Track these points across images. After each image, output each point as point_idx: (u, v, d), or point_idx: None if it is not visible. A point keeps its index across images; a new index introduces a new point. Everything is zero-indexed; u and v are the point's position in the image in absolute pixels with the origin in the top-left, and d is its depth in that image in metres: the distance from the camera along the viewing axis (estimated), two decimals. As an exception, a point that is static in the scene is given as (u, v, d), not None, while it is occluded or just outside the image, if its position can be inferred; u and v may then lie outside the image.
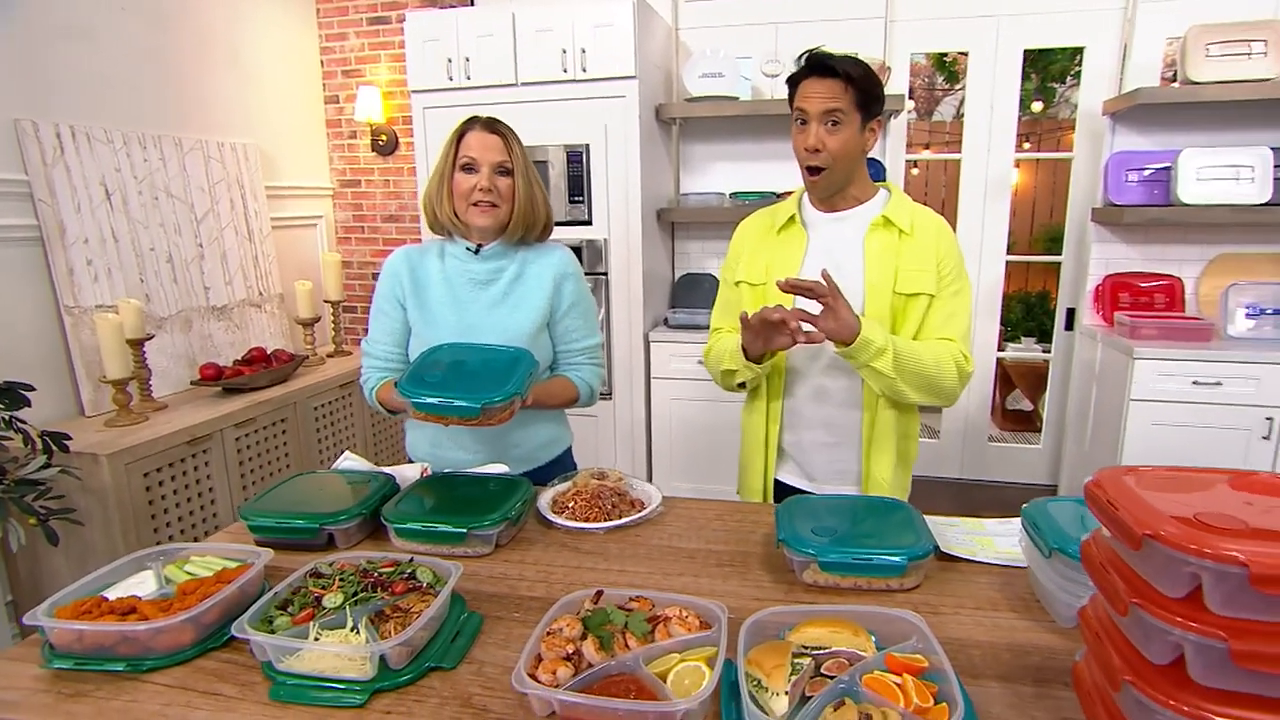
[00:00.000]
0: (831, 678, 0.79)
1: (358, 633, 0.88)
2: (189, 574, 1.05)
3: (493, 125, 1.47)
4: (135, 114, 2.75)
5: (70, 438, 2.07)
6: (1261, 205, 2.79)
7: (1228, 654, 0.58)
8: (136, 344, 2.43)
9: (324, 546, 1.22)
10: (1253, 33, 2.74)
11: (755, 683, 0.78)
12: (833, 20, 3.32)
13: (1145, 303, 3.16)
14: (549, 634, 0.87)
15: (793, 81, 1.42)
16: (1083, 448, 3.22)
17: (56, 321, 2.46)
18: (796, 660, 0.80)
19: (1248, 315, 2.90)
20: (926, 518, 1.17)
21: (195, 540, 2.43)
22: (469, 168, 1.44)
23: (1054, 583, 0.97)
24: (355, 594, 0.95)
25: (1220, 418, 2.68)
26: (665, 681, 0.80)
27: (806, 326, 1.31)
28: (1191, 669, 0.61)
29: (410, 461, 1.59)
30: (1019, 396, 4.62)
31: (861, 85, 1.35)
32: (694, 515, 1.34)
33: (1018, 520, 1.24)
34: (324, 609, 0.93)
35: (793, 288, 1.29)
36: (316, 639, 0.87)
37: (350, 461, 1.49)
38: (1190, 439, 2.71)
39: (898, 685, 0.77)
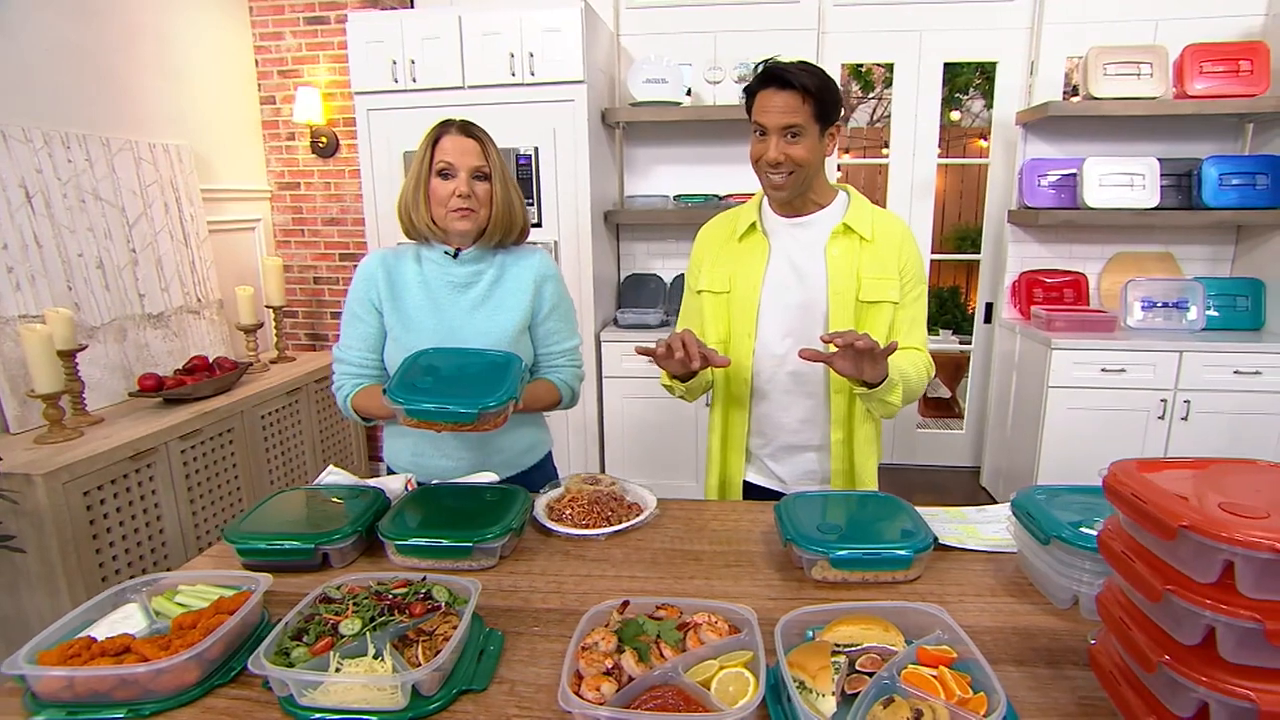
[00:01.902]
0: (868, 674, 0.81)
1: (382, 660, 0.83)
2: (181, 605, 0.98)
3: (468, 129, 1.44)
4: (57, 112, 2.60)
5: (0, 459, 1.96)
6: (1151, 209, 3.11)
7: (1263, 634, 0.62)
8: (68, 355, 2.31)
9: (318, 568, 1.17)
10: (1142, 55, 3.04)
11: (799, 684, 0.79)
12: (768, 30, 3.45)
13: (1056, 297, 3.45)
14: (584, 649, 0.85)
15: (749, 91, 1.41)
16: (1004, 432, 3.48)
17: (-25, 333, 2.31)
18: (832, 659, 0.82)
19: (1143, 308, 3.21)
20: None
21: (142, 560, 2.33)
22: (446, 173, 1.41)
23: (1051, 568, 1.03)
24: (373, 619, 0.90)
25: (1124, 401, 2.97)
26: (709, 689, 0.79)
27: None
28: (1222, 648, 0.65)
29: (391, 472, 1.56)
30: (938, 384, 4.91)
31: (819, 96, 1.35)
32: (690, 517, 1.35)
33: (994, 508, 1.35)
34: (342, 636, 0.87)
35: (815, 357, 1.28)
36: (338, 669, 0.82)
37: (334, 476, 1.44)
38: (1100, 421, 2.98)
39: (935, 678, 0.79)
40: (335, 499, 1.29)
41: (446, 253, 1.49)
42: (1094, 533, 0.97)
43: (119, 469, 2.23)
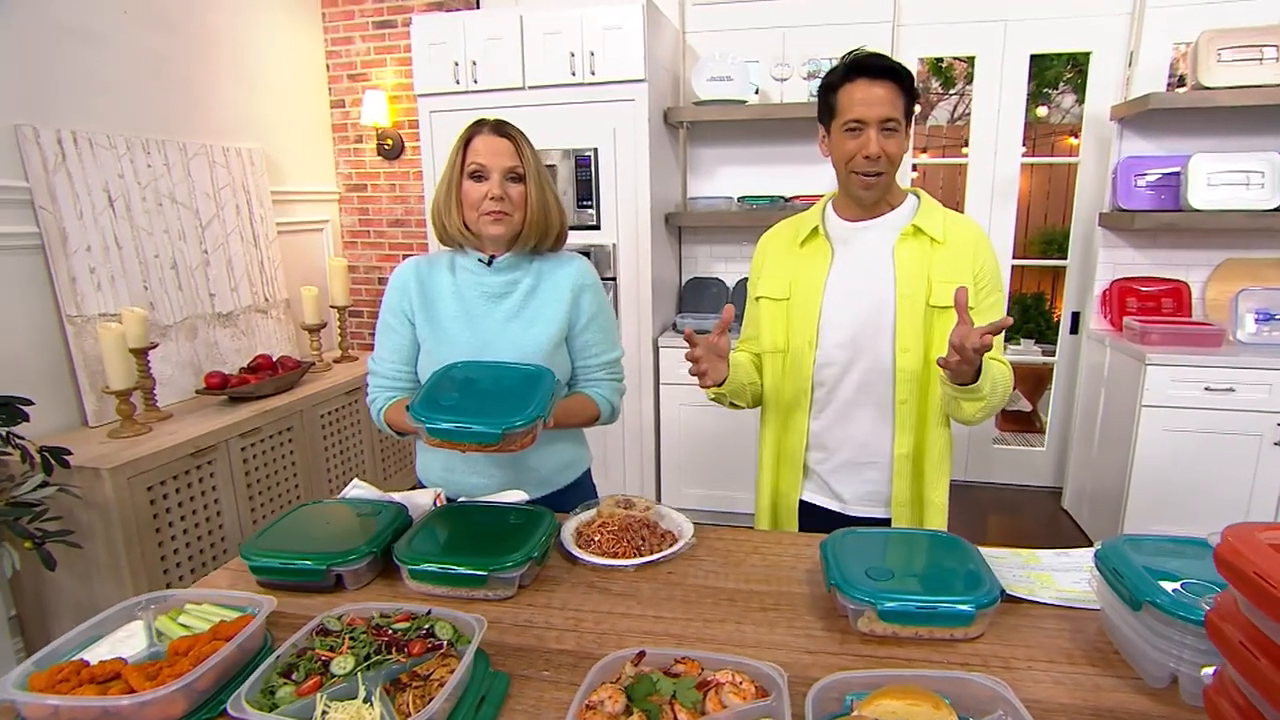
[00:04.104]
0: None
1: (370, 705, 0.78)
2: (184, 627, 0.95)
3: (502, 128, 1.38)
4: (138, 119, 2.70)
5: (70, 453, 2.01)
6: (1271, 210, 2.79)
7: None
8: (140, 353, 2.39)
9: (332, 588, 1.12)
10: (1265, 38, 2.73)
11: None
12: (840, 24, 3.29)
13: (1152, 307, 3.15)
14: (588, 708, 0.77)
15: (834, 85, 1.34)
16: (1090, 451, 3.21)
17: (59, 331, 2.41)
18: None
19: (1257, 320, 2.90)
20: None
21: (202, 554, 2.39)
22: (478, 175, 1.35)
23: (1144, 639, 0.87)
24: (368, 656, 0.85)
25: (1232, 424, 2.67)
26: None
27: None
28: None
29: (422, 486, 1.51)
30: (1018, 397, 4.62)
31: (910, 88, 1.31)
32: (729, 549, 1.26)
33: (1077, 552, 1.18)
34: (333, 676, 0.82)
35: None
36: (325, 713, 0.77)
37: (359, 490, 1.39)
38: (1202, 445, 2.70)
39: None
40: (356, 515, 1.25)
41: (480, 260, 1.43)
42: (1201, 604, 0.82)
43: (180, 465, 2.30)
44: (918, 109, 3.59)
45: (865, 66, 1.30)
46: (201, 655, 0.83)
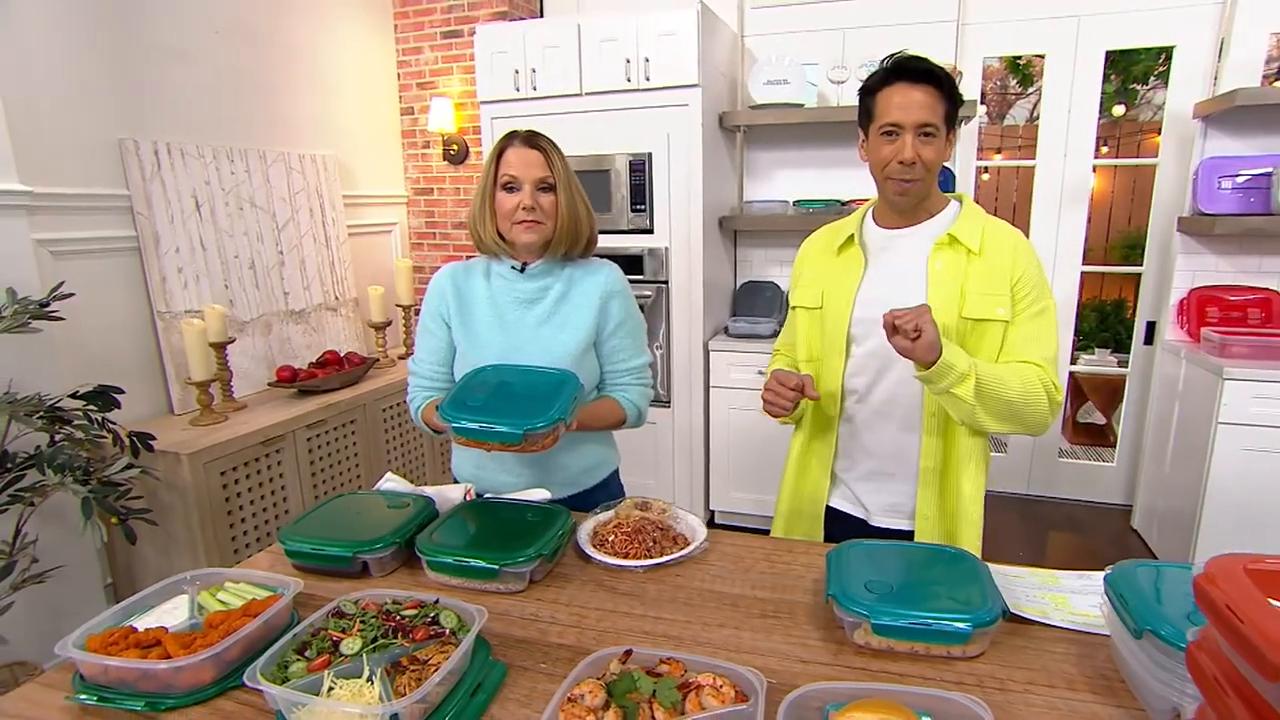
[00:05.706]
0: None
1: (371, 684, 0.83)
2: (222, 603, 1.04)
3: (532, 140, 1.43)
4: (224, 129, 2.91)
5: (155, 438, 2.20)
6: (1375, 216, 2.59)
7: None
8: (219, 347, 2.58)
9: (359, 574, 1.20)
10: (1369, 30, 2.53)
11: None
12: (902, 25, 3.23)
13: (1237, 318, 2.96)
14: (569, 700, 0.80)
15: (873, 89, 1.33)
16: (1162, 469, 3.05)
17: (150, 326, 2.63)
18: None
19: (1357, 335, 2.69)
20: (991, 567, 1.09)
21: (269, 536, 2.56)
22: (510, 186, 1.41)
23: (1145, 668, 0.84)
24: (374, 639, 0.91)
25: (1321, 447, 2.49)
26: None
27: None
28: None
29: (455, 481, 1.59)
30: (1091, 409, 4.41)
31: (951, 94, 1.30)
32: (739, 554, 1.27)
33: (1098, 575, 1.13)
34: (340, 655, 0.89)
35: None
36: (331, 688, 0.83)
37: (392, 483, 1.48)
38: (1285, 468, 2.53)
39: None
40: (387, 507, 1.32)
41: (514, 267, 1.50)
42: (1190, 635, 0.80)
43: (251, 453, 2.46)
44: (983, 110, 3.46)
45: (904, 70, 1.29)
46: (231, 629, 0.92)
